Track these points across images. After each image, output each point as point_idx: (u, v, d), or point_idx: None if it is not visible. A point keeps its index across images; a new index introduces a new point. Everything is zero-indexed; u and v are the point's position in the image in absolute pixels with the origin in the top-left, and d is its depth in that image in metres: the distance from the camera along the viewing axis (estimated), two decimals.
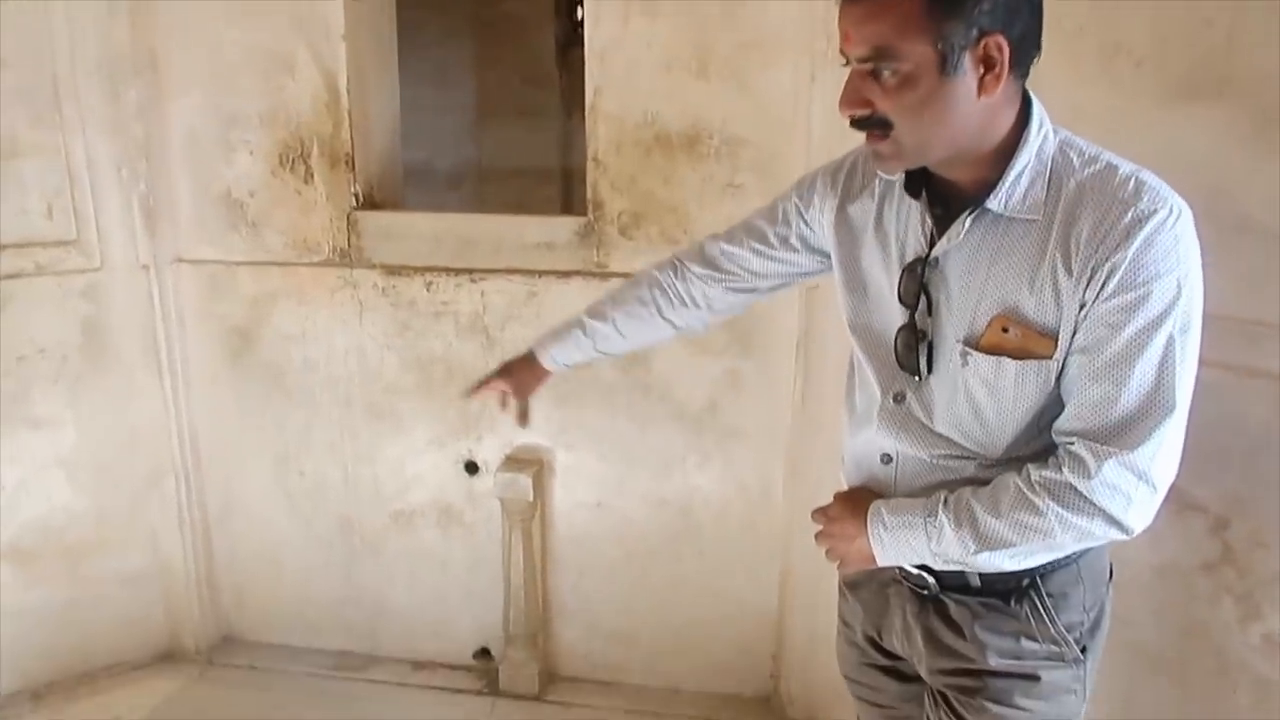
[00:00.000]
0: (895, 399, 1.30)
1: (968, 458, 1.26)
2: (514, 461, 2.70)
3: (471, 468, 2.76)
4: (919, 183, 1.24)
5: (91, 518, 2.77)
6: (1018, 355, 1.17)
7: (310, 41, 2.54)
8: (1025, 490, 1.16)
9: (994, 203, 1.16)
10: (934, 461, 1.28)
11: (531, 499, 2.65)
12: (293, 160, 2.63)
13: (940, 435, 1.27)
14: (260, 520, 2.93)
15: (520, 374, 1.76)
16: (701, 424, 2.61)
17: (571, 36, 5.07)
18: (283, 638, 3.00)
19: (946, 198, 1.22)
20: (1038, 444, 1.23)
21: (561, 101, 4.98)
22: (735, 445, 2.60)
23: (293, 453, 2.86)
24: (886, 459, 1.33)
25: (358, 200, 2.64)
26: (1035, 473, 1.17)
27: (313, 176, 2.63)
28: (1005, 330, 1.18)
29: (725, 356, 2.55)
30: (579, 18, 5.19)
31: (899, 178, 1.26)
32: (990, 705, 1.29)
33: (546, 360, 1.72)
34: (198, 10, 2.56)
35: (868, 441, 1.35)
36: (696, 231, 2.46)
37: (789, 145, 2.37)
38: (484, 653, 2.85)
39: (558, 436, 2.69)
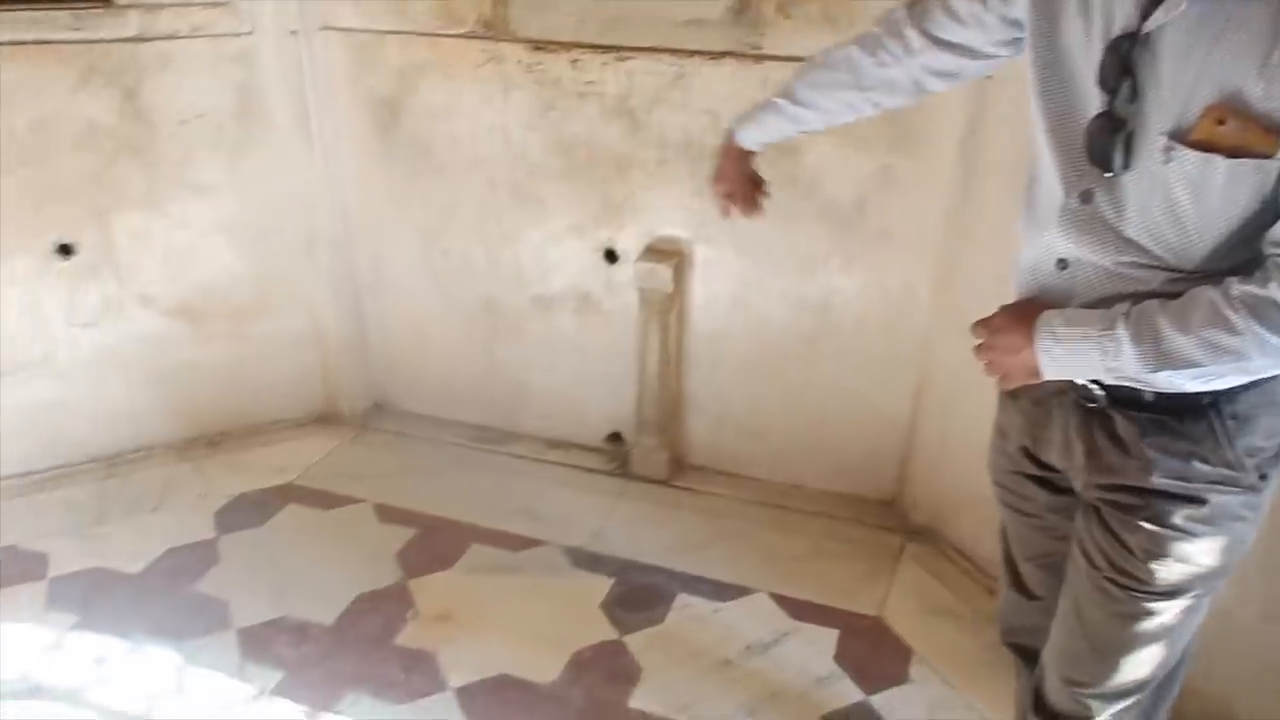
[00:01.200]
0: (1081, 198, 1.17)
1: (1155, 267, 1.14)
2: (654, 252, 2.67)
3: (611, 256, 2.75)
4: None
5: (252, 282, 2.92)
6: (1232, 152, 1.03)
7: None
8: (1222, 305, 1.05)
9: None
10: (1115, 270, 1.17)
11: (670, 290, 2.64)
12: None
13: (1129, 240, 1.14)
14: (408, 294, 3.03)
15: (729, 172, 1.72)
16: (848, 222, 2.49)
17: None
18: (428, 408, 3.16)
19: None
20: (1240, 257, 1.09)
21: None
22: (882, 246, 2.49)
23: (438, 230, 2.90)
24: (1062, 265, 1.22)
25: None
26: (1236, 286, 1.05)
27: None
28: (1221, 123, 1.02)
29: (879, 152, 2.40)
30: None
31: None
32: (1146, 524, 1.23)
33: (747, 140, 1.67)
34: None
35: (1045, 246, 1.24)
36: (862, 12, 2.26)
37: None
38: (615, 437, 2.95)
39: (699, 229, 2.63)
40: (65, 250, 2.65)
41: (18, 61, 2.44)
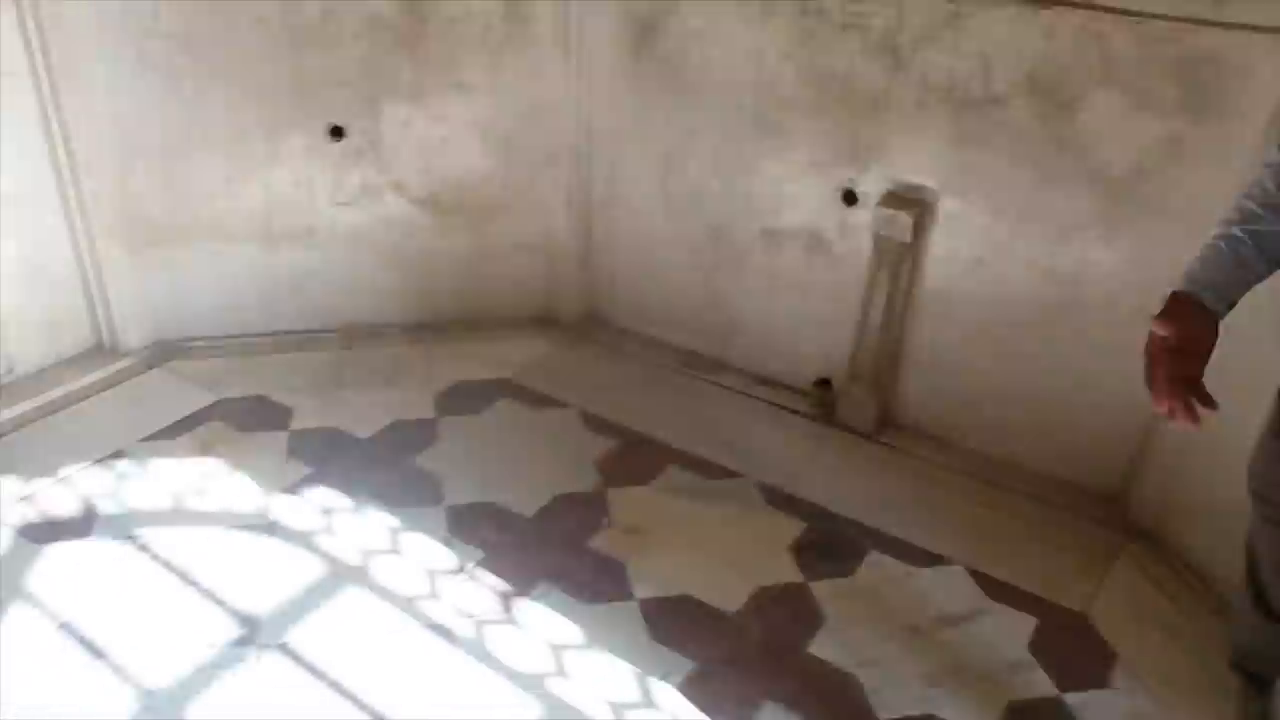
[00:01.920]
0: None
1: None
2: (895, 198, 2.55)
3: (850, 197, 2.66)
4: None
5: (496, 182, 3.03)
6: None
7: None
8: None
9: None
10: None
11: (907, 241, 2.53)
12: None
13: None
14: (638, 212, 3.06)
15: (1195, 346, 1.34)
16: (1119, 192, 2.29)
17: None
18: (643, 327, 3.21)
19: None
20: None
21: None
22: (1154, 222, 2.27)
23: (677, 152, 2.90)
24: None
25: None
26: None
27: None
28: None
29: (1171, 118, 2.17)
30: None
31: None
32: None
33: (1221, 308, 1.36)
34: None
35: None
36: None
37: None
38: (824, 382, 2.89)
39: (948, 180, 2.49)
40: (337, 133, 2.84)
41: None
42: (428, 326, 3.16)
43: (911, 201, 2.54)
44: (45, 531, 2.26)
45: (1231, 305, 1.34)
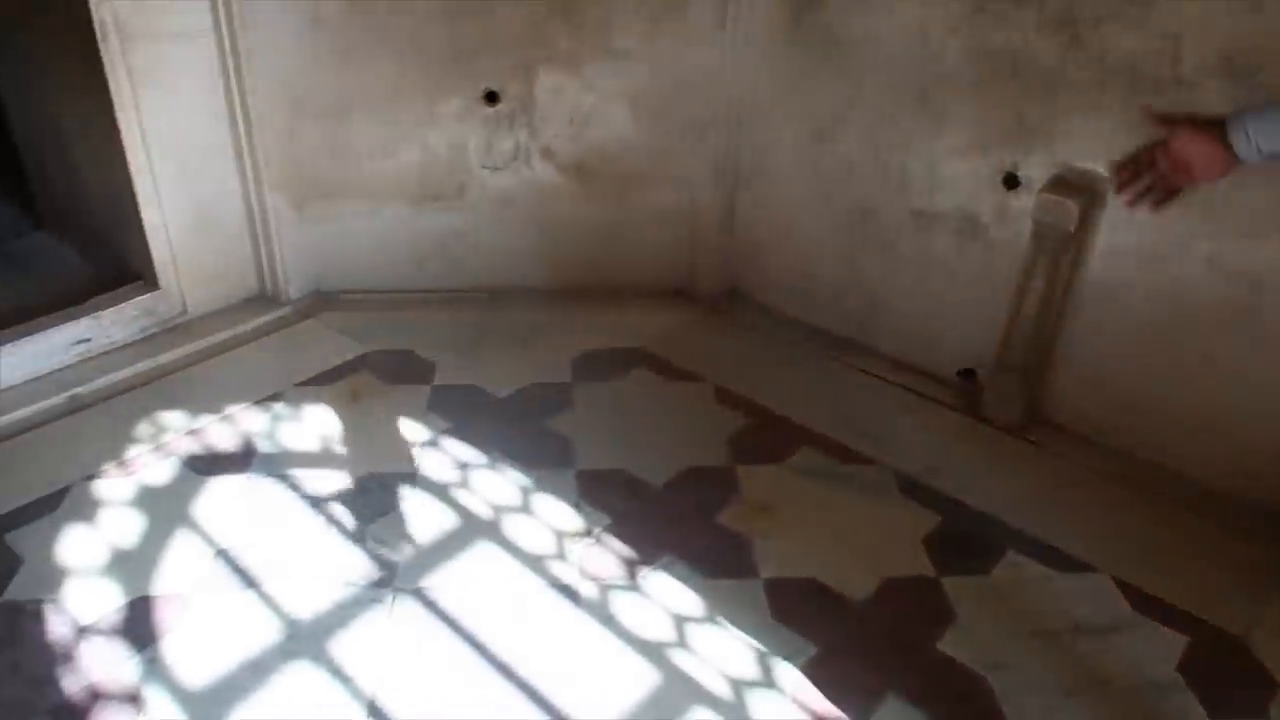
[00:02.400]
0: None
1: None
2: (1062, 185, 2.42)
3: (1011, 181, 2.53)
4: None
5: (643, 151, 3.03)
6: None
7: None
8: None
9: None
10: None
11: (1071, 230, 2.39)
12: None
13: None
14: (784, 187, 3.00)
15: (1198, 156, 1.52)
16: None
17: None
18: (782, 304, 3.16)
19: None
20: None
21: None
22: None
23: (829, 127, 2.82)
24: None
25: None
26: None
27: None
28: None
29: None
30: None
31: None
32: None
33: (1241, 145, 1.45)
34: None
35: None
36: None
37: None
38: (969, 372, 2.78)
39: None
40: (491, 98, 2.90)
41: None
42: (568, 292, 3.20)
43: (1079, 188, 2.40)
44: (208, 464, 2.41)
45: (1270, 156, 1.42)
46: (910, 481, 2.46)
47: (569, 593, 2.09)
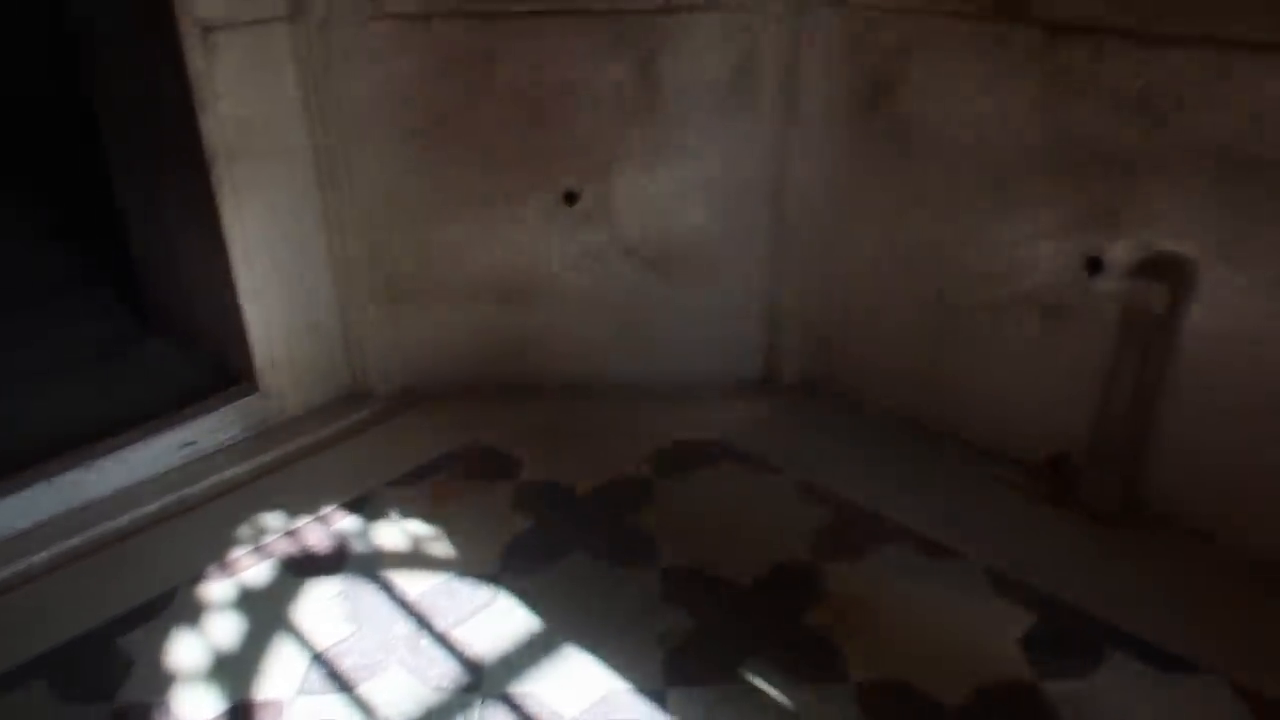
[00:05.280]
0: None
1: None
2: (1149, 267, 2.36)
3: (1095, 264, 2.48)
4: None
5: (718, 241, 3.07)
6: None
7: None
8: None
9: None
10: None
11: (1161, 314, 2.33)
12: None
13: None
14: (862, 273, 3.00)
15: None
16: None
17: None
18: (864, 391, 3.12)
19: None
20: None
21: None
22: None
23: (904, 212, 2.82)
24: None
25: None
26: None
27: None
28: None
29: None
30: None
31: None
32: None
33: None
34: None
35: None
36: None
37: None
38: (1060, 459, 2.69)
39: (1215, 248, 2.28)
40: (570, 198, 2.99)
41: (560, 29, 2.76)
42: (648, 386, 3.23)
43: (1168, 271, 2.34)
44: (305, 565, 2.49)
45: None
46: (1002, 577, 2.39)
47: (657, 697, 2.08)
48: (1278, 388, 2.28)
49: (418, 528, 2.62)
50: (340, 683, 2.13)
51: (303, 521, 2.65)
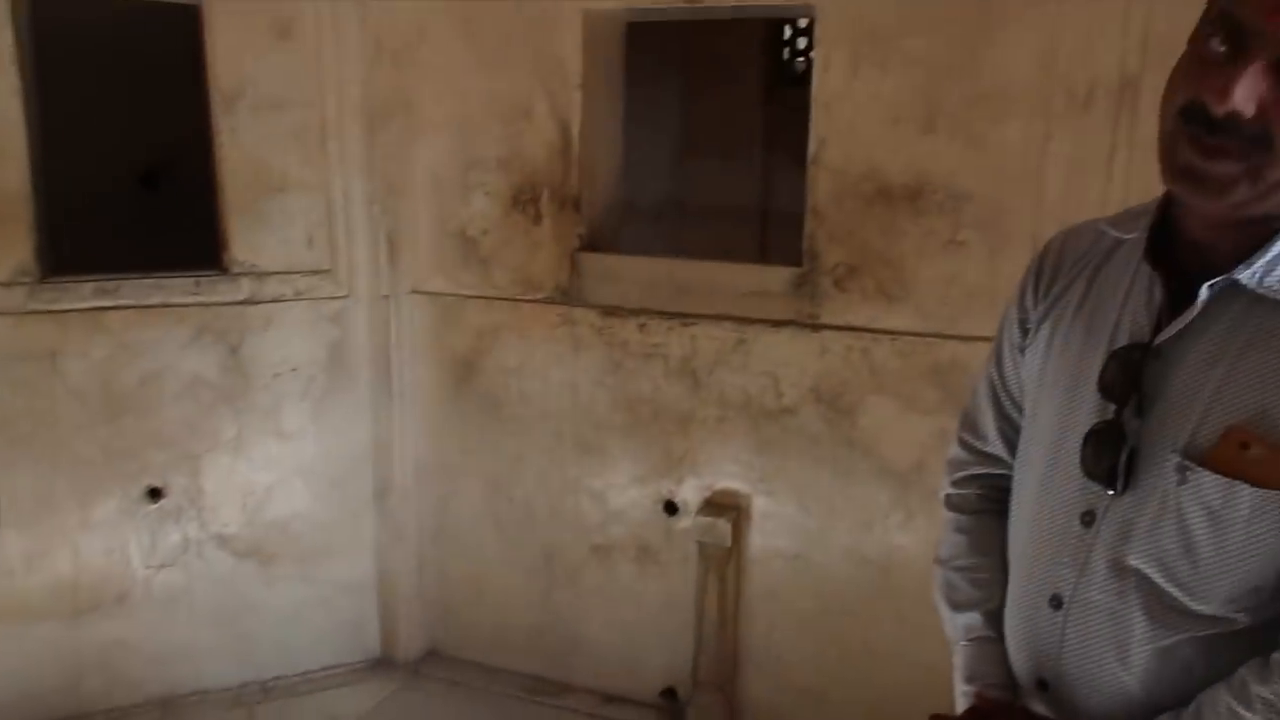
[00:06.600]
0: (1083, 520, 1.03)
1: (1170, 608, 0.98)
2: (713, 505, 2.72)
3: (670, 508, 2.80)
4: (1162, 247, 1.01)
5: (322, 525, 3.01)
6: (1260, 481, 0.91)
7: (549, 90, 2.69)
8: (1240, 710, 0.92)
9: (1247, 275, 0.92)
10: (1118, 609, 1.00)
11: (728, 545, 2.67)
12: (524, 202, 2.79)
13: (1133, 569, 0.99)
14: (469, 541, 3.09)
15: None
16: (908, 482, 2.54)
17: (777, 78, 5.12)
18: (483, 656, 3.13)
19: (1188, 271, 0.97)
20: (1267, 611, 0.95)
21: (763, 143, 5.00)
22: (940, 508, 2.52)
23: (503, 479, 3.00)
24: (1056, 604, 1.05)
25: (581, 242, 2.76)
26: (1255, 686, 0.92)
27: (541, 218, 2.78)
28: (1245, 447, 0.91)
29: (937, 415, 2.48)
30: (787, 58, 5.24)
31: (1136, 236, 1.04)
32: None
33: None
34: (449, 59, 2.77)
35: (1034, 579, 1.09)
36: (913, 287, 2.43)
37: (1018, 201, 2.31)
38: (670, 693, 2.88)
39: (758, 483, 2.70)
40: (154, 494, 2.78)
41: (138, 322, 2.68)
42: (253, 685, 2.96)
43: (728, 507, 2.71)
44: None
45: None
46: None
47: None
48: (821, 592, 2.67)
49: None
50: None
51: None
